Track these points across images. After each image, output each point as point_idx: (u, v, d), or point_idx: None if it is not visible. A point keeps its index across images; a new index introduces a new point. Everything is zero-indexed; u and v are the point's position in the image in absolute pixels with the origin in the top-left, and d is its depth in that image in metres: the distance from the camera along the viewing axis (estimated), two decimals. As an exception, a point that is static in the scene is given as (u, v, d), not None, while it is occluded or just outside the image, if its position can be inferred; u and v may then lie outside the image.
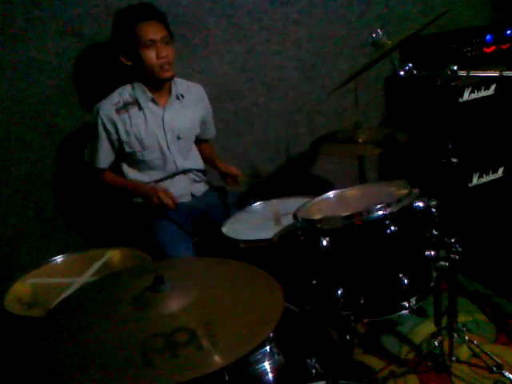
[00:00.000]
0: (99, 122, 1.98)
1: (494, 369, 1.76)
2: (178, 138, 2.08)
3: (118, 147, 2.04)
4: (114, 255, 1.71)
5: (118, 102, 1.99)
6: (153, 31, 1.92)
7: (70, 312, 1.13)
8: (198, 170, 2.21)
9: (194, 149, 2.23)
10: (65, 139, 2.22)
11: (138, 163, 2.07)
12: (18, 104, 2.10)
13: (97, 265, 1.64)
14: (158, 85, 2.02)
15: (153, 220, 2.02)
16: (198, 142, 2.28)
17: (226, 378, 1.10)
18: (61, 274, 1.62)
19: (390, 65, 1.69)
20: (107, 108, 1.98)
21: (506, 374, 1.72)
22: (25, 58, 2.06)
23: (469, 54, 2.60)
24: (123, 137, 1.99)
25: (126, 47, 1.96)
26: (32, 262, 2.08)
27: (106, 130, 1.99)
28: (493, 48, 2.67)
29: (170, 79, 2.03)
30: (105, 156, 2.04)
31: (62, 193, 2.28)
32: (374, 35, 1.74)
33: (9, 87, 2.07)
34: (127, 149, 2.02)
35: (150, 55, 1.93)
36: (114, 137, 2.00)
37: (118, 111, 1.98)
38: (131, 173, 2.09)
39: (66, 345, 0.99)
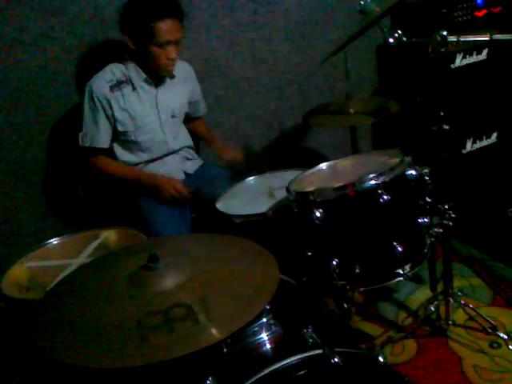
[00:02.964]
0: (95, 99, 1.91)
1: (490, 330, 1.79)
2: (173, 116, 2.07)
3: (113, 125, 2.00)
4: (109, 235, 1.72)
5: (111, 80, 1.93)
6: (171, 32, 1.84)
7: (68, 293, 1.14)
8: (188, 147, 2.21)
9: (183, 127, 2.22)
10: (54, 121, 2.20)
11: (129, 143, 2.03)
12: (3, 87, 2.07)
13: (93, 245, 1.64)
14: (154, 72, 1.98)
15: (149, 202, 2.01)
16: (191, 120, 2.27)
17: (225, 350, 1.12)
18: (57, 256, 1.62)
19: (381, 33, 1.67)
20: (101, 85, 1.92)
21: (501, 334, 1.76)
22: (8, 38, 2.02)
23: (460, 19, 2.57)
24: (118, 115, 1.95)
25: (137, 36, 1.86)
26: (28, 245, 2.09)
27: (103, 108, 1.93)
28: (484, 12, 2.63)
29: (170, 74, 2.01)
30: (105, 134, 1.97)
31: (55, 175, 2.27)
32: (362, 2, 1.71)
33: (-7, 70, 2.04)
34: (120, 127, 1.97)
35: (160, 54, 1.87)
36: (109, 113, 1.94)
37: (111, 89, 1.92)
38: (121, 153, 2.06)
39: (64, 325, 1.00)
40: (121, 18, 1.90)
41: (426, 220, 1.56)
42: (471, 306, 1.84)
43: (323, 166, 1.78)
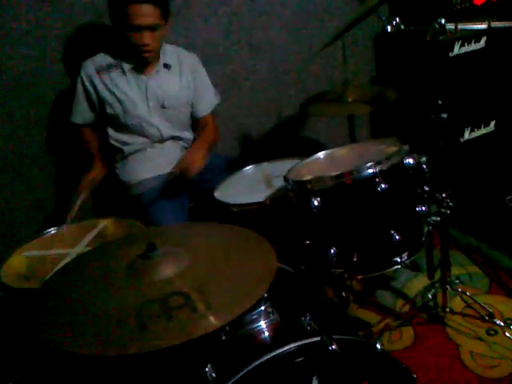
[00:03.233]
0: (79, 79, 1.99)
1: (486, 318, 1.81)
2: (163, 106, 2.05)
3: (100, 108, 2.02)
4: (107, 225, 1.72)
5: (101, 63, 1.97)
6: (142, 16, 1.80)
7: (66, 282, 1.15)
8: (189, 139, 2.20)
9: (185, 120, 2.18)
10: (50, 111, 2.19)
11: (121, 127, 2.04)
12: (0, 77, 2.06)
13: (91, 235, 1.64)
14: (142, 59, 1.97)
15: (148, 192, 2.01)
16: (195, 121, 2.23)
17: (223, 338, 1.13)
18: (55, 245, 1.62)
19: (379, 21, 1.66)
20: (89, 67, 1.97)
21: (497, 321, 1.77)
22: (4, 28, 2.01)
23: (458, 7, 2.55)
24: (106, 97, 1.98)
25: (115, 20, 1.87)
26: (26, 235, 2.10)
27: (85, 89, 1.99)
28: (482, 0, 2.61)
29: (151, 61, 1.98)
30: (79, 112, 2.04)
31: (53, 166, 2.26)
32: (359, -10, 1.70)
33: (-11, 60, 2.03)
34: (109, 110, 2.00)
35: (132, 38, 1.86)
36: (94, 97, 1.99)
37: (98, 72, 1.96)
38: (116, 136, 2.06)
39: (64, 314, 1.01)
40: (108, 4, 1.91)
41: (423, 208, 1.56)
42: (468, 293, 1.86)
43: (321, 154, 1.77)
